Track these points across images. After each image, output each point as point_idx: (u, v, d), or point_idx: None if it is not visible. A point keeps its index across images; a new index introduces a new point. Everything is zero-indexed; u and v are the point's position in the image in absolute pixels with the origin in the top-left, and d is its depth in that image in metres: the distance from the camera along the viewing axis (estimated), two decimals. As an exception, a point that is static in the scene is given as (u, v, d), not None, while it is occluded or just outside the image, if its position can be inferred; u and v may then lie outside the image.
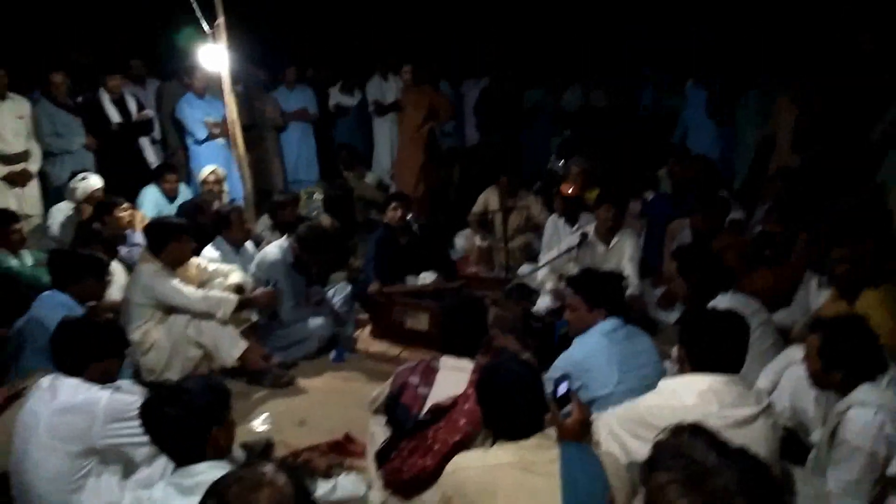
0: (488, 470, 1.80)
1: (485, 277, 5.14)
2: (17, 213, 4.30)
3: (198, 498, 1.44)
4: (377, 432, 2.69)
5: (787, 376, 2.66)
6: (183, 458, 1.80)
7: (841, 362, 2.17)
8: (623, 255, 4.31)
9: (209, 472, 1.72)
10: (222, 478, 1.31)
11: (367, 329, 4.55)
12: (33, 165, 5.21)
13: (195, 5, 4.29)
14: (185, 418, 1.79)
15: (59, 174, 5.45)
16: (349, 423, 3.24)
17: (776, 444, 2.12)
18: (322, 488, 2.17)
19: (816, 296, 3.57)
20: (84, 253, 3.49)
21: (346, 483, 2.24)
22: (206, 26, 4.56)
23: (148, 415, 1.85)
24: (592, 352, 2.78)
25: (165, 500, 1.72)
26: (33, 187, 5.25)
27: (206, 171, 5.50)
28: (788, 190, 4.71)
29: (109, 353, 2.46)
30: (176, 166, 5.85)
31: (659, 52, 6.93)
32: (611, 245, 4.38)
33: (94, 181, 5.00)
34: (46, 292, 3.29)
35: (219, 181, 5.49)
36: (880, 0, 5.10)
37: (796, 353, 2.75)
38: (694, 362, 2.25)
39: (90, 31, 6.46)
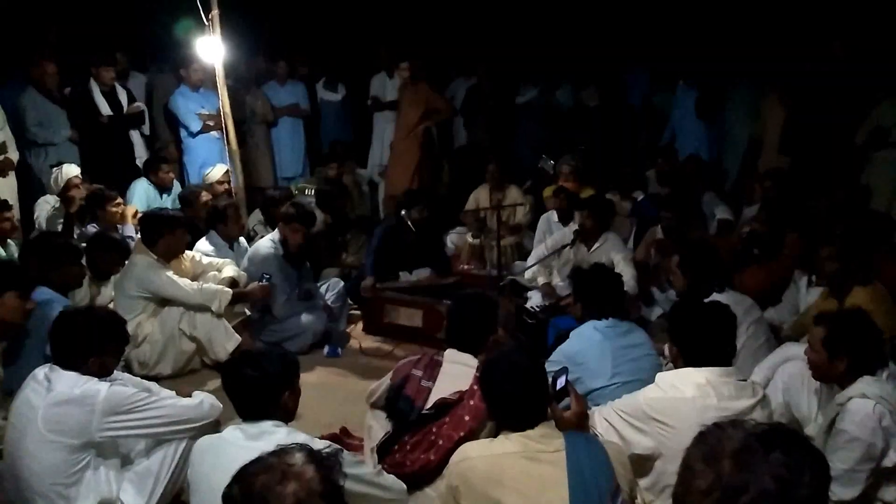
0: (494, 459, 1.81)
1: (477, 275, 5.16)
2: (8, 202, 4.23)
3: (260, 444, 1.74)
4: (374, 426, 2.70)
5: (780, 372, 2.71)
6: (253, 414, 2.02)
7: (846, 351, 2.22)
8: (609, 257, 4.34)
9: (272, 429, 1.97)
10: (250, 464, 1.29)
11: (360, 325, 4.56)
12: (13, 154, 5.12)
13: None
14: (261, 380, 2.01)
15: (42, 167, 5.36)
16: (344, 418, 3.26)
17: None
18: (368, 468, 2.20)
19: (806, 294, 3.64)
20: (55, 241, 3.44)
21: (391, 478, 2.26)
22: (203, 18, 4.53)
23: (229, 374, 2.08)
24: (586, 345, 2.84)
25: (233, 438, 1.97)
26: (10, 178, 5.15)
27: (219, 170, 5.40)
28: (776, 190, 4.79)
29: (111, 348, 2.42)
30: (168, 159, 5.80)
31: (651, 50, 6.98)
32: (592, 249, 4.42)
33: (71, 168, 4.94)
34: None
35: (229, 181, 5.44)
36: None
37: (790, 349, 2.81)
38: (686, 357, 2.29)
39: (74, 21, 6.36)
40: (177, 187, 5.60)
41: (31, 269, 3.25)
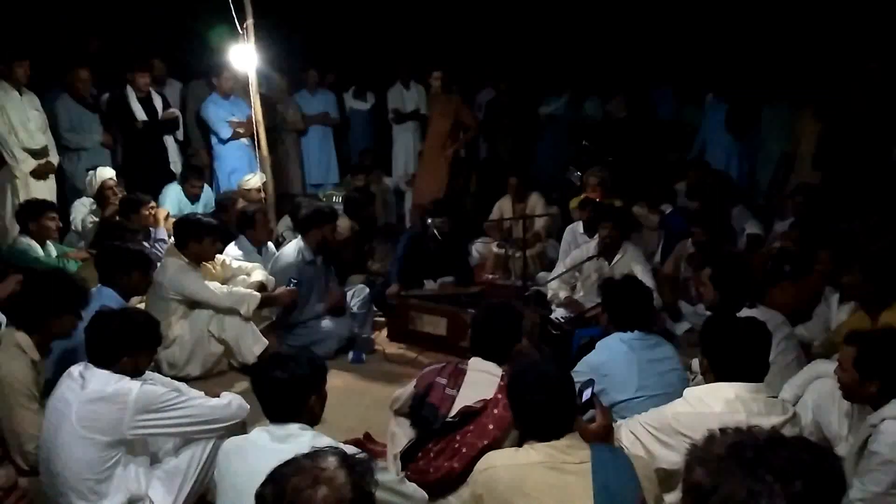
0: (519, 468, 1.81)
1: (502, 284, 5.16)
2: (55, 204, 4.36)
3: (286, 446, 1.81)
4: (398, 433, 2.71)
5: (810, 390, 2.67)
6: (280, 416, 2.04)
7: (878, 373, 2.17)
8: (629, 270, 4.31)
9: (299, 431, 1.99)
10: (285, 465, 1.32)
11: (385, 331, 4.58)
12: (54, 158, 5.29)
13: (231, 4, 4.35)
14: (290, 382, 2.02)
15: (75, 171, 5.51)
16: (368, 423, 3.27)
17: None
18: (391, 475, 2.22)
19: (837, 311, 3.57)
20: (130, 248, 3.56)
21: (412, 486, 2.27)
22: (238, 26, 4.62)
23: (258, 375, 2.11)
24: (612, 357, 2.82)
25: (259, 440, 1.99)
26: (51, 181, 5.32)
27: (257, 178, 5.45)
28: (808, 206, 4.71)
29: (143, 348, 2.48)
30: (202, 170, 5.92)
31: (679, 64, 6.95)
32: (613, 262, 4.39)
33: (106, 171, 5.09)
34: (98, 287, 3.33)
35: (261, 189, 5.52)
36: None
37: (821, 367, 2.76)
38: (717, 371, 2.27)
39: (112, 29, 6.54)
40: (207, 193, 5.71)
41: (100, 272, 3.43)
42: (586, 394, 2.20)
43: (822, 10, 5.86)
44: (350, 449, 1.62)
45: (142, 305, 3.83)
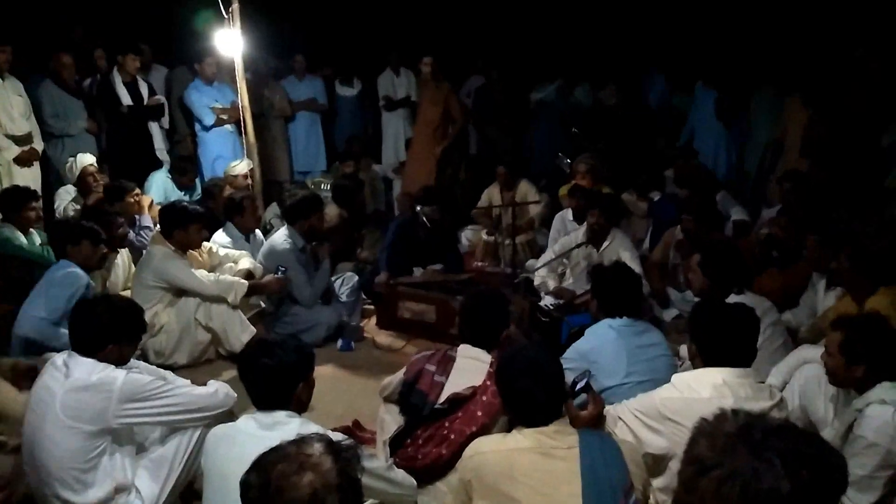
0: (507, 454, 1.81)
1: (491, 272, 5.15)
2: (37, 192, 4.32)
3: (273, 434, 1.81)
4: (387, 420, 2.71)
5: (797, 375, 2.69)
6: (267, 404, 2.03)
7: (864, 358, 2.19)
8: (618, 257, 4.32)
9: (286, 419, 1.99)
10: (269, 452, 1.31)
11: (374, 319, 4.57)
12: (38, 145, 5.22)
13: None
14: (277, 369, 2.02)
15: (60, 157, 5.44)
16: (356, 411, 3.29)
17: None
18: (379, 462, 2.21)
19: (824, 297, 3.59)
20: (79, 221, 3.66)
21: (401, 473, 2.26)
22: (223, 11, 4.56)
23: (246, 362, 2.10)
24: (600, 343, 2.83)
25: (246, 428, 1.99)
26: (35, 168, 5.26)
27: (244, 165, 5.40)
28: (796, 193, 4.73)
29: (128, 336, 2.45)
30: (194, 161, 5.85)
31: (669, 51, 6.94)
32: (601, 249, 4.40)
33: (86, 157, 5.02)
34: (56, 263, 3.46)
35: (248, 176, 5.48)
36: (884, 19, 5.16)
37: (808, 352, 2.78)
38: (705, 356, 2.27)
39: (96, 14, 6.45)
40: (196, 186, 5.67)
41: (53, 247, 3.59)
42: (581, 383, 2.21)
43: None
44: (336, 436, 1.61)
45: (127, 293, 3.81)
